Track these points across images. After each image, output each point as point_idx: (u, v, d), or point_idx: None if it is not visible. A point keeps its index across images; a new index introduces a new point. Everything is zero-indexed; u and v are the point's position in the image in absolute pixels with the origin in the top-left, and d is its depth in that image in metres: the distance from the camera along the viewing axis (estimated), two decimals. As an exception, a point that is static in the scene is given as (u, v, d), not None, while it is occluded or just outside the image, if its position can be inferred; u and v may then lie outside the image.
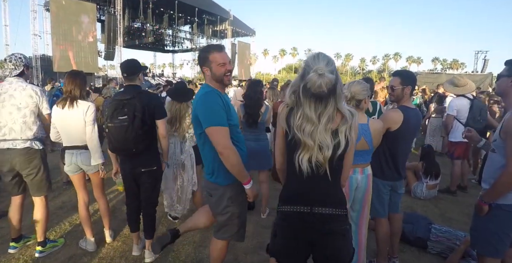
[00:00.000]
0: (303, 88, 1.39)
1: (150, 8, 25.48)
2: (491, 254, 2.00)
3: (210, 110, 1.88)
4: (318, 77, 1.33)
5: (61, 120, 2.75)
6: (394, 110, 2.55)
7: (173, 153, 3.37)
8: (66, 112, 2.72)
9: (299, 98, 1.42)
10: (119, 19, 22.30)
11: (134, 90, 2.59)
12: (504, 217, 1.92)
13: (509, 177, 1.81)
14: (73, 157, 2.82)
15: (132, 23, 28.20)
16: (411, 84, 2.49)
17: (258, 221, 3.62)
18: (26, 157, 2.71)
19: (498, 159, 1.91)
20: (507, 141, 1.84)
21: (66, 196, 4.36)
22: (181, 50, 38.11)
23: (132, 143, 2.48)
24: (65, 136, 2.81)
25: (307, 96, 1.39)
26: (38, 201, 2.87)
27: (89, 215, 3.03)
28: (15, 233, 2.93)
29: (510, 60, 2.01)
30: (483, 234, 2.02)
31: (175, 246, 3.07)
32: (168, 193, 3.45)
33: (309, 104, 1.40)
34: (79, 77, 2.80)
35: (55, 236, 3.23)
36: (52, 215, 3.57)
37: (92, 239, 2.99)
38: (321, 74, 1.33)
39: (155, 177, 2.77)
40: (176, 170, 3.38)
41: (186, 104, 3.35)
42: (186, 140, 3.39)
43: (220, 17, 31.77)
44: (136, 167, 2.66)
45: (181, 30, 34.20)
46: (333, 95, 1.39)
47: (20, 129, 2.66)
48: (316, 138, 1.39)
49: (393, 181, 2.61)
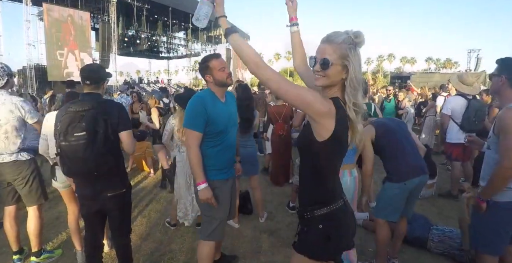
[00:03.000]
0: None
1: (144, 15, 25.58)
2: (490, 252, 2.01)
3: (188, 113, 2.14)
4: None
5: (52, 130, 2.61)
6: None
7: (186, 163, 3.28)
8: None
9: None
10: (113, 27, 22.36)
11: (94, 99, 2.14)
12: (502, 214, 1.93)
13: (503, 172, 1.82)
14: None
15: (127, 31, 28.30)
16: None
17: (257, 226, 3.61)
18: (14, 169, 2.67)
19: (493, 156, 1.93)
20: (500, 137, 1.87)
21: (63, 206, 4.28)
22: (176, 56, 38.25)
23: (93, 164, 2.00)
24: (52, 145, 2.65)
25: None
26: (30, 211, 2.83)
27: (79, 227, 2.97)
28: (15, 246, 2.87)
29: (500, 59, 2.03)
30: (481, 232, 2.02)
31: (173, 253, 3.05)
32: (183, 203, 3.36)
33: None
34: (77, 86, 2.77)
35: (52, 247, 3.19)
36: (49, 225, 3.53)
37: (81, 250, 2.89)
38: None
39: (125, 201, 2.31)
40: (189, 179, 3.31)
41: None
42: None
43: (214, 22, 31.81)
44: (100, 192, 2.15)
45: (175, 36, 34.35)
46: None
47: (3, 145, 2.60)
48: None
49: (415, 177, 2.48)
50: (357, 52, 1.31)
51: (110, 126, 2.05)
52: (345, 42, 1.29)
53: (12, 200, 2.81)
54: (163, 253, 3.06)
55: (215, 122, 2.13)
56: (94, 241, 2.34)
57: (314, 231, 1.43)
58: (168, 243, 3.26)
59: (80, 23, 19.41)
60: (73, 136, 1.97)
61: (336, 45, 1.29)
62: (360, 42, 1.31)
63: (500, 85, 1.97)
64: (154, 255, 3.02)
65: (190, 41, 33.94)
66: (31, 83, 18.93)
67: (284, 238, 3.30)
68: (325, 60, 1.29)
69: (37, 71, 19.39)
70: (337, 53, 1.29)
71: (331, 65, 1.29)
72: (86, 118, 1.99)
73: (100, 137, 2.00)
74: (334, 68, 1.30)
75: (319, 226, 1.42)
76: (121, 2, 22.73)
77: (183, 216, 3.40)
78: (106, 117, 2.05)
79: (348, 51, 1.29)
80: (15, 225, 2.84)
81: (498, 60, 2.03)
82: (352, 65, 1.29)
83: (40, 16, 20.59)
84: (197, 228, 3.56)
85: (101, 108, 2.07)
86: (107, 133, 2.03)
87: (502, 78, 1.95)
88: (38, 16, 21.28)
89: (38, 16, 21.32)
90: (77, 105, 2.07)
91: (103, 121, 2.02)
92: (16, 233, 2.85)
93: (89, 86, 2.18)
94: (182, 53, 37.51)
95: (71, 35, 18.84)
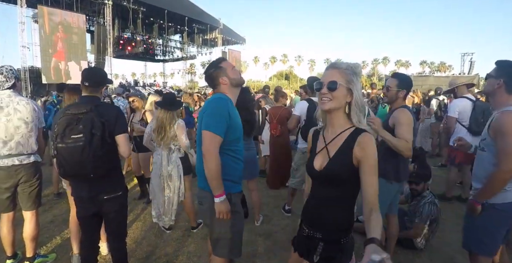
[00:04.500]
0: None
1: (139, 18, 25.52)
2: (484, 253, 2.02)
3: (213, 116, 1.90)
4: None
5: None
6: (403, 110, 2.49)
7: (160, 165, 3.36)
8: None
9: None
10: (108, 30, 22.31)
11: (92, 101, 2.14)
12: (497, 216, 1.94)
13: (502, 175, 1.83)
14: None
15: (122, 33, 28.20)
16: (406, 88, 2.56)
17: (252, 229, 3.60)
18: (32, 171, 2.70)
19: (488, 158, 1.94)
20: (496, 140, 1.87)
21: (57, 209, 4.28)
22: (172, 59, 38.15)
23: (90, 167, 1.99)
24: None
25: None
26: (29, 215, 2.80)
27: (79, 230, 2.96)
28: (10, 251, 2.84)
29: (500, 61, 2.01)
30: (476, 233, 2.03)
31: (168, 257, 3.04)
32: (156, 203, 3.44)
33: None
34: (77, 89, 2.81)
35: (46, 251, 3.16)
36: (43, 229, 3.50)
37: (77, 254, 2.88)
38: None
39: (121, 203, 2.30)
40: (163, 182, 3.36)
41: (172, 114, 3.33)
42: (173, 151, 3.38)
43: (210, 25, 31.97)
44: (97, 195, 2.16)
45: (171, 39, 34.31)
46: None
47: (26, 143, 2.64)
48: None
49: (403, 181, 2.69)
50: (358, 79, 1.42)
51: (107, 129, 2.04)
52: (348, 69, 1.41)
53: (10, 206, 2.77)
54: (159, 256, 3.05)
55: (234, 128, 1.96)
56: (89, 243, 2.34)
57: (349, 255, 1.52)
58: (164, 246, 3.25)
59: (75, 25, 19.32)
60: (70, 138, 1.95)
61: (342, 70, 1.41)
62: (358, 73, 1.44)
63: (496, 88, 1.96)
64: (149, 259, 3.01)
65: (186, 44, 33.92)
66: (25, 86, 18.77)
67: (280, 241, 3.30)
68: (333, 83, 1.39)
69: (32, 73, 19.26)
70: (344, 77, 1.40)
71: (339, 86, 1.38)
72: (84, 120, 1.98)
73: (97, 139, 1.98)
74: (340, 90, 1.39)
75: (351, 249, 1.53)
76: (117, 5, 22.71)
77: (157, 217, 3.45)
78: (104, 120, 2.04)
79: (352, 76, 1.40)
80: (12, 231, 2.81)
81: (498, 62, 2.01)
82: (356, 89, 1.40)
83: (35, 18, 20.49)
84: (192, 232, 3.55)
85: (99, 111, 2.06)
86: (104, 136, 2.02)
87: (500, 82, 1.93)
88: (32, 18, 21.17)
89: (32, 18, 21.21)
90: (75, 107, 2.07)
91: (100, 124, 2.01)
92: (13, 237, 2.82)
93: (88, 88, 2.19)
94: (178, 56, 37.44)
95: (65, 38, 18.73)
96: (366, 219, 1.28)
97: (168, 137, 3.31)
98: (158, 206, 3.42)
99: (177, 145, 3.38)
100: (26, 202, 2.76)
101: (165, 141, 3.32)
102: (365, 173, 1.35)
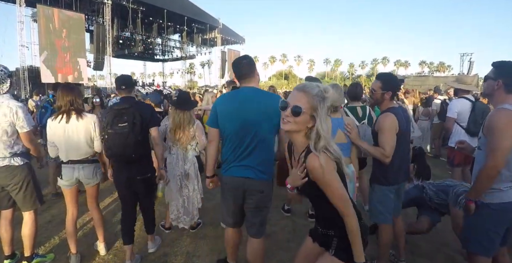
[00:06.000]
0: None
1: (139, 17, 25.53)
2: (482, 253, 2.03)
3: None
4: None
5: (62, 135, 2.70)
6: (387, 115, 2.45)
7: (176, 165, 3.31)
8: (69, 126, 2.69)
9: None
10: (108, 29, 22.29)
11: (131, 100, 2.82)
12: (493, 215, 1.95)
13: (488, 170, 1.85)
14: (75, 172, 2.77)
15: (121, 33, 28.16)
16: (391, 89, 2.49)
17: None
18: (6, 175, 2.62)
19: (484, 157, 1.95)
20: (487, 137, 1.90)
21: (56, 209, 4.26)
22: (171, 59, 38.20)
23: (132, 149, 2.58)
24: (67, 150, 2.74)
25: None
26: (26, 215, 2.79)
27: (76, 230, 2.96)
28: (8, 250, 2.82)
29: (497, 62, 2.02)
30: (473, 233, 2.04)
31: (167, 256, 3.03)
32: (175, 205, 3.37)
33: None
34: (76, 89, 2.83)
35: (44, 251, 3.14)
36: (41, 229, 3.48)
37: (75, 254, 2.89)
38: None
39: (150, 183, 2.90)
40: (180, 182, 3.32)
41: (190, 115, 3.28)
42: (188, 150, 3.34)
43: (210, 25, 31.99)
44: (132, 175, 2.75)
45: (170, 39, 34.29)
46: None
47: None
48: None
49: (398, 184, 2.60)
50: (325, 105, 1.43)
51: (144, 121, 2.64)
52: (318, 95, 1.41)
53: (7, 203, 2.76)
54: (157, 256, 3.04)
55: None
56: (128, 216, 2.90)
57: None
58: (162, 246, 3.24)
59: (74, 25, 19.29)
60: (118, 126, 2.55)
61: (310, 96, 1.41)
62: (328, 97, 1.44)
63: (496, 89, 1.97)
64: (148, 259, 3.00)
65: (185, 43, 33.93)
66: (24, 85, 18.74)
67: (279, 241, 3.29)
68: (297, 108, 1.40)
69: (30, 73, 19.22)
70: (310, 103, 1.41)
71: (302, 113, 1.41)
72: (127, 113, 2.59)
73: (138, 128, 2.59)
74: (303, 117, 1.42)
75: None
76: (116, 4, 22.68)
77: (175, 219, 3.41)
78: (141, 113, 2.64)
79: (318, 103, 1.41)
80: (11, 230, 2.79)
81: (495, 63, 2.02)
82: (319, 117, 1.41)
83: (34, 18, 20.45)
84: (191, 232, 3.54)
85: (137, 107, 2.70)
86: (142, 126, 2.63)
87: (499, 83, 1.94)
88: (31, 18, 21.12)
89: (31, 17, 21.16)
90: (119, 104, 2.73)
91: (139, 116, 2.61)
92: (11, 237, 2.81)
93: (124, 90, 2.87)
94: (177, 55, 37.46)
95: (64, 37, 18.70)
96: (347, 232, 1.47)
97: (188, 137, 3.27)
98: (178, 207, 3.37)
99: (193, 145, 3.35)
100: (19, 203, 2.74)
101: (183, 141, 3.28)
102: (324, 190, 1.44)
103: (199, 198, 3.43)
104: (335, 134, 2.52)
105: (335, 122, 2.45)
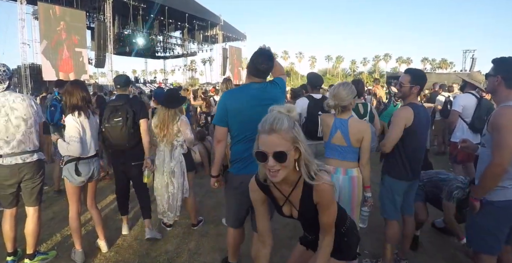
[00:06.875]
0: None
1: (140, 14, 25.42)
2: (486, 251, 2.02)
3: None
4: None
5: (87, 130, 2.81)
6: (403, 108, 2.49)
7: (163, 161, 3.35)
8: (86, 122, 2.79)
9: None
10: (109, 26, 22.20)
11: (125, 97, 3.18)
12: (497, 213, 1.93)
13: (494, 168, 1.83)
14: (91, 166, 2.86)
15: (123, 30, 28.08)
16: (420, 84, 2.47)
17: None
18: (35, 169, 2.70)
19: (488, 153, 1.93)
20: (493, 134, 1.88)
21: (58, 206, 4.28)
22: (172, 56, 38.08)
23: (126, 139, 3.07)
24: (90, 145, 2.85)
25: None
26: (32, 211, 2.79)
27: (80, 226, 2.98)
28: (10, 247, 2.83)
29: (496, 59, 2.04)
30: (477, 231, 2.03)
31: (169, 254, 3.03)
32: (159, 200, 3.44)
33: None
34: (84, 85, 2.94)
35: (46, 248, 3.16)
36: (43, 227, 3.48)
37: (81, 250, 2.91)
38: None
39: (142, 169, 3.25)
40: (167, 178, 3.35)
41: (174, 111, 3.32)
42: (176, 147, 3.36)
43: (211, 22, 31.81)
44: (127, 161, 3.20)
45: (171, 36, 34.17)
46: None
47: (28, 140, 2.63)
48: None
49: (407, 181, 2.54)
50: (297, 126, 1.30)
51: (135, 115, 3.07)
52: (288, 125, 1.26)
53: (14, 201, 2.78)
54: (159, 254, 3.05)
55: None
56: (122, 195, 3.42)
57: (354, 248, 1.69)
58: (164, 243, 3.25)
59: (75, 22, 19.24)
60: (113, 120, 3.03)
61: (284, 132, 1.25)
62: (295, 115, 1.31)
63: (496, 85, 1.98)
64: (149, 256, 3.01)
65: (186, 40, 33.80)
66: (26, 83, 18.75)
67: (281, 239, 3.29)
68: (281, 154, 1.25)
69: (32, 70, 19.18)
70: (288, 140, 1.26)
71: (288, 156, 1.26)
72: (121, 109, 3.05)
73: (130, 121, 3.04)
74: (289, 156, 1.27)
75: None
76: (117, 1, 22.57)
77: (161, 213, 3.49)
78: (133, 109, 3.07)
79: (294, 132, 1.27)
80: (15, 227, 2.81)
81: (494, 60, 2.04)
82: (302, 144, 1.29)
83: (35, 15, 20.41)
84: (193, 229, 3.54)
85: (130, 103, 3.12)
86: (134, 119, 3.07)
87: (498, 78, 1.96)
88: (33, 15, 21.08)
89: (33, 15, 21.12)
90: (114, 101, 3.20)
91: (132, 111, 3.05)
92: (15, 233, 2.82)
93: (119, 89, 3.24)
94: (178, 52, 37.36)
95: (66, 34, 18.67)
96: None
97: (171, 134, 3.30)
98: (163, 203, 3.42)
99: (180, 141, 3.36)
100: (28, 197, 2.76)
101: (168, 138, 3.31)
102: (319, 210, 1.45)
103: (180, 197, 3.42)
104: (334, 135, 2.38)
105: (337, 123, 2.37)
